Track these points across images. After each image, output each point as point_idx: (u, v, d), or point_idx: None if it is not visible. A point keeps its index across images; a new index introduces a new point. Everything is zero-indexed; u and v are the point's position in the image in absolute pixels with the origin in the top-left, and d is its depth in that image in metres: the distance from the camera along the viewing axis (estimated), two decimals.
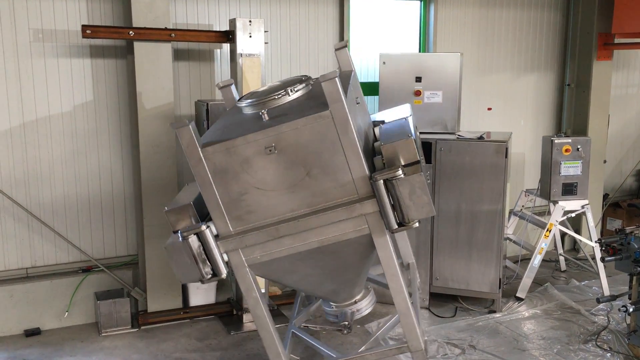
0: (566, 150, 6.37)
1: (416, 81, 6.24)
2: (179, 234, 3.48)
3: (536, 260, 6.41)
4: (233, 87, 4.34)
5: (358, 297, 4.28)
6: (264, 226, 3.50)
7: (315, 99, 3.54)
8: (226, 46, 6.06)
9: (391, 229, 3.42)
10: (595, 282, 6.78)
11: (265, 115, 3.47)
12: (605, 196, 8.42)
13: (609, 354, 5.25)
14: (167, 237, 5.01)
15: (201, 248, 3.48)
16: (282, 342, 3.96)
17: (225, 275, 3.56)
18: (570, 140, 6.41)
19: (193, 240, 3.46)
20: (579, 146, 6.39)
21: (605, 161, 8.06)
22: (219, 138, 3.46)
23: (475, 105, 7.47)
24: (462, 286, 6.10)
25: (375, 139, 4.16)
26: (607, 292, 6.35)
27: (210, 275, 3.53)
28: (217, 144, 3.41)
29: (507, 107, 7.76)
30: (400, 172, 3.34)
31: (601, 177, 8.05)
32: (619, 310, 5.33)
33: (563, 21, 7.96)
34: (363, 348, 4.17)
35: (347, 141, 3.37)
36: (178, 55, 5.96)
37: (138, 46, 5.45)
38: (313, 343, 4.39)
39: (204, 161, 3.41)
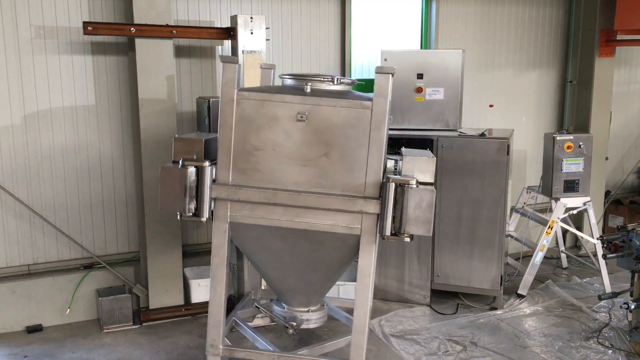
0: (568, 147, 6.36)
1: (418, 78, 6.23)
2: (180, 162, 3.44)
3: (538, 257, 6.41)
4: (273, 71, 4.35)
5: (313, 308, 4.20)
6: (263, 188, 3.46)
7: (355, 96, 3.56)
8: (227, 43, 6.06)
9: (383, 235, 3.40)
10: (597, 279, 6.77)
11: (308, 87, 3.48)
12: (607, 193, 8.41)
13: (610, 351, 5.25)
14: (168, 234, 5.01)
15: (195, 184, 3.43)
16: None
17: (204, 219, 3.46)
18: (572, 137, 6.40)
19: (191, 172, 3.43)
20: (580, 143, 6.38)
21: (607, 158, 8.05)
22: (256, 90, 3.49)
23: (477, 102, 7.46)
24: (463, 283, 6.11)
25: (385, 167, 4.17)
26: (608, 289, 6.35)
27: (192, 214, 3.47)
28: (254, 92, 3.45)
29: (509, 104, 7.75)
30: (414, 182, 3.36)
31: (603, 174, 8.04)
32: (621, 307, 5.33)
33: (565, 17, 7.94)
34: (305, 351, 4.04)
35: (377, 138, 3.38)
36: (179, 51, 5.95)
37: (139, 43, 5.45)
38: (252, 333, 4.27)
39: (235, 103, 3.42)
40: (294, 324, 3.97)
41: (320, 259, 3.72)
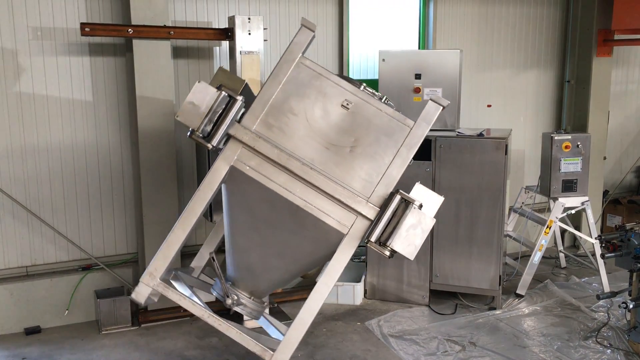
0: (566, 147, 6.36)
1: (416, 78, 6.24)
2: (220, 87, 3.50)
3: (536, 257, 6.41)
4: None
5: (259, 298, 4.03)
6: (281, 148, 3.48)
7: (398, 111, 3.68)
8: (225, 44, 6.05)
9: (369, 238, 3.40)
10: (596, 279, 6.78)
11: (363, 86, 3.63)
12: (605, 193, 8.42)
13: (609, 351, 5.25)
14: (167, 234, 4.99)
15: (221, 110, 3.47)
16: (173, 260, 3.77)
17: (211, 146, 3.45)
18: (570, 137, 6.40)
19: (224, 97, 3.46)
20: (578, 143, 6.38)
21: (605, 158, 8.06)
22: (319, 65, 3.64)
23: (475, 102, 7.47)
24: (462, 283, 6.11)
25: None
26: (607, 289, 6.35)
27: (202, 135, 3.46)
28: (317, 66, 3.58)
29: (507, 103, 7.76)
30: (419, 204, 3.42)
31: (601, 174, 8.05)
32: (619, 306, 5.32)
33: (563, 17, 7.95)
34: (238, 329, 3.81)
35: (404, 155, 3.50)
36: (177, 53, 5.95)
37: (137, 44, 5.45)
38: (189, 290, 4.02)
39: (294, 64, 3.52)
40: (235, 297, 3.87)
41: (294, 245, 3.68)
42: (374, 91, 3.73)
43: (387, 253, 3.38)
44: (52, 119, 5.62)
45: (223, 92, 3.48)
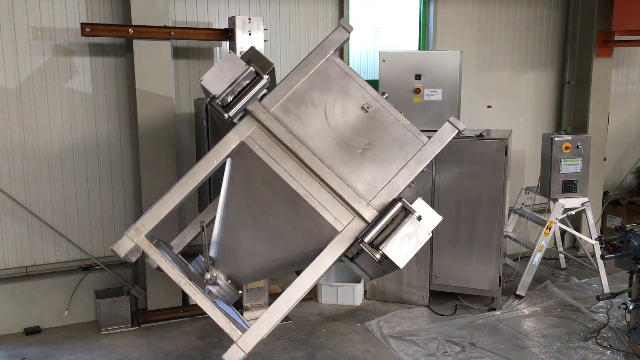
0: (566, 148, 6.37)
1: (416, 79, 6.24)
2: (249, 62, 3.53)
3: (536, 257, 6.41)
4: None
5: (235, 285, 3.88)
6: (294, 134, 3.50)
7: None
8: (225, 44, 6.05)
9: (362, 239, 3.35)
10: (595, 280, 6.78)
11: (386, 95, 3.70)
12: (605, 194, 8.42)
13: (609, 352, 5.25)
14: (166, 234, 4.96)
15: (245, 85, 3.50)
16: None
17: (227, 116, 3.48)
18: (570, 138, 6.40)
19: (250, 73, 3.49)
20: (578, 144, 6.38)
21: (605, 159, 8.06)
22: (347, 66, 3.73)
23: (475, 102, 7.47)
24: (462, 284, 6.10)
25: None
26: (607, 290, 6.35)
27: (222, 104, 3.48)
28: (346, 66, 3.66)
29: (507, 104, 7.76)
30: (418, 215, 3.42)
31: (601, 175, 8.05)
32: (619, 307, 5.33)
33: (563, 18, 7.95)
34: (212, 304, 3.65)
35: (413, 168, 3.53)
36: (177, 53, 5.95)
37: (137, 44, 5.45)
38: (170, 259, 3.83)
39: (324, 60, 3.61)
40: (214, 274, 3.78)
41: (285, 234, 3.64)
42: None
43: (378, 256, 3.34)
44: (52, 119, 5.62)
45: (251, 67, 3.50)
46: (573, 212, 6.65)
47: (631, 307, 4.97)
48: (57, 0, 5.49)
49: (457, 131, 3.59)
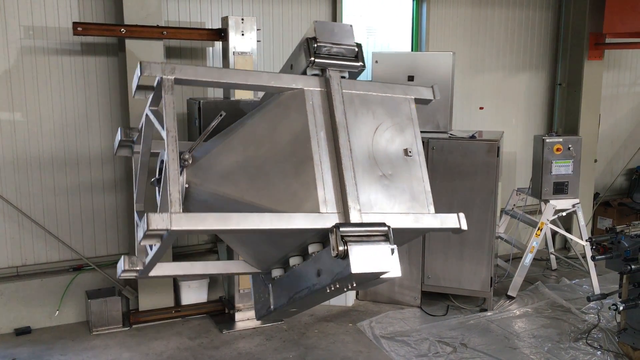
0: (557, 150, 6.40)
1: (408, 80, 6.24)
2: (359, 45, 3.67)
3: (527, 259, 6.43)
4: None
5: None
6: (346, 120, 3.54)
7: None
8: (218, 44, 6.05)
9: (339, 226, 3.14)
10: (586, 281, 6.81)
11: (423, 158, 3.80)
12: (596, 195, 8.47)
13: (599, 352, 5.28)
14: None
15: (341, 55, 3.63)
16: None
17: (311, 60, 3.60)
18: (561, 140, 6.43)
19: (353, 50, 3.64)
20: (570, 145, 6.41)
21: (596, 160, 8.11)
22: None
23: (467, 104, 7.49)
24: (453, 285, 6.12)
25: None
26: (597, 291, 6.38)
27: (315, 51, 3.55)
28: (415, 113, 3.77)
29: (499, 106, 7.79)
30: (393, 248, 3.26)
31: (592, 176, 8.10)
32: (609, 308, 5.36)
33: (554, 21, 7.99)
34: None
35: (406, 220, 3.60)
36: (170, 53, 5.94)
37: (130, 44, 5.43)
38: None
39: (406, 96, 3.77)
40: (189, 161, 3.64)
41: (271, 181, 3.51)
42: None
43: (341, 248, 3.05)
44: (43, 118, 5.59)
45: (356, 49, 3.63)
46: (564, 214, 6.68)
47: (621, 308, 5.00)
48: None
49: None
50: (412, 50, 7.28)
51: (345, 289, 3.28)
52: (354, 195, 3.43)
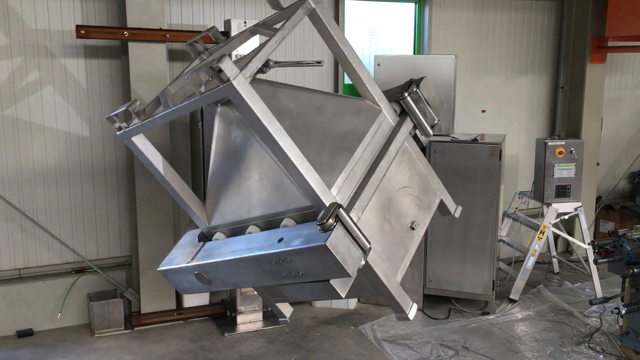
0: (559, 153, 6.39)
1: None
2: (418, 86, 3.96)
3: (529, 262, 6.43)
4: None
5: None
6: (378, 155, 3.59)
7: None
8: None
9: (332, 208, 3.00)
10: (588, 284, 6.80)
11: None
12: (598, 199, 8.45)
13: (601, 356, 5.27)
14: (161, 237, 4.94)
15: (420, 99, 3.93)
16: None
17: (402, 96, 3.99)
18: (563, 143, 6.43)
19: (417, 95, 3.99)
20: (572, 149, 6.41)
21: (598, 164, 8.10)
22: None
23: (470, 107, 7.49)
24: (455, 288, 6.12)
25: None
26: (599, 294, 6.37)
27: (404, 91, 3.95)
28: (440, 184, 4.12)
29: (501, 109, 7.78)
30: (370, 247, 3.20)
31: (594, 180, 8.09)
32: (612, 312, 5.34)
33: (557, 24, 7.99)
34: None
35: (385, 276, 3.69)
36: (173, 56, 5.95)
37: (132, 47, 5.44)
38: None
39: (437, 197, 4.07)
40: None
41: (255, 152, 3.49)
42: None
43: (331, 221, 2.91)
44: (46, 120, 5.60)
45: (420, 93, 4.00)
46: (566, 217, 6.67)
47: (624, 312, 4.98)
48: (52, 2, 5.48)
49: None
50: (414, 53, 7.29)
51: (283, 275, 3.07)
52: (362, 203, 3.43)
